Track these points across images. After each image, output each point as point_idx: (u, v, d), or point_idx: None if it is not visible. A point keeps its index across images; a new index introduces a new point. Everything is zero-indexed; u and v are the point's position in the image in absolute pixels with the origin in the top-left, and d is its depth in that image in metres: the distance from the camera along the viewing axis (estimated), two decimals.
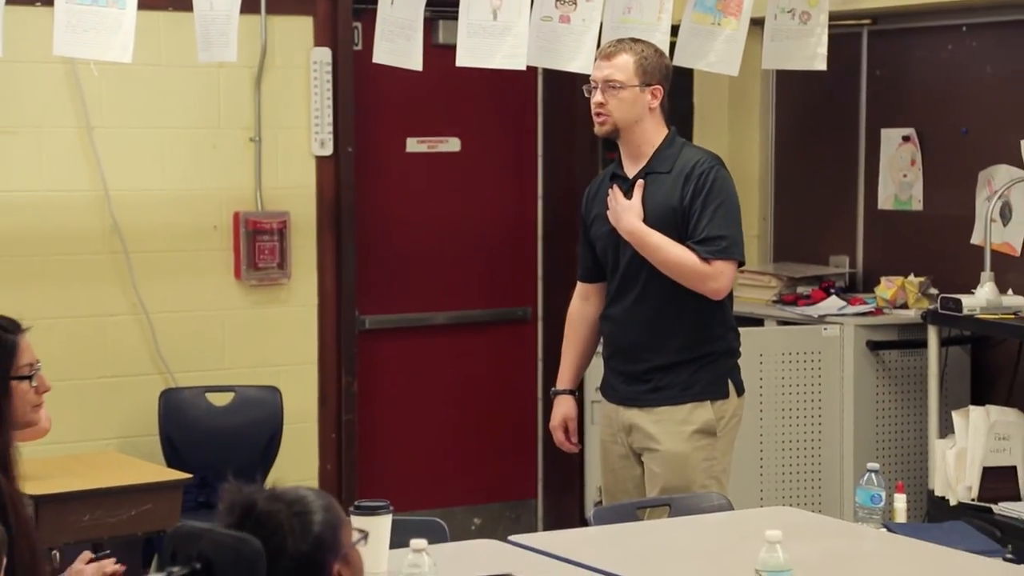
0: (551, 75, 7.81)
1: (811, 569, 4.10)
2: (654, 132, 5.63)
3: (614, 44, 5.78)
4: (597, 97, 5.60)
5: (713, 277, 5.50)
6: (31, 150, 7.18)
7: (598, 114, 5.61)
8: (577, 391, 6.01)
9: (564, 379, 6.00)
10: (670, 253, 5.47)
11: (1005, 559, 5.10)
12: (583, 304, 5.93)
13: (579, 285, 5.95)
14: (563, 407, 5.95)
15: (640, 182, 5.59)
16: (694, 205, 5.51)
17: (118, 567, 4.57)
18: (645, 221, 5.51)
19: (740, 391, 5.71)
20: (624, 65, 5.56)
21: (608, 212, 5.62)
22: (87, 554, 4.72)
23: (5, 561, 3.83)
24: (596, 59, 5.84)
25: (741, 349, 5.78)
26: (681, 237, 5.50)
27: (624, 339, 5.73)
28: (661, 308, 5.58)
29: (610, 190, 5.66)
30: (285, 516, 3.34)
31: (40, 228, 7.20)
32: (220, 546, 3.23)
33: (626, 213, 5.52)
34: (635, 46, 5.67)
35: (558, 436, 5.97)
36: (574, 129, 8.05)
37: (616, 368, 5.78)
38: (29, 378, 4.58)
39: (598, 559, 4.67)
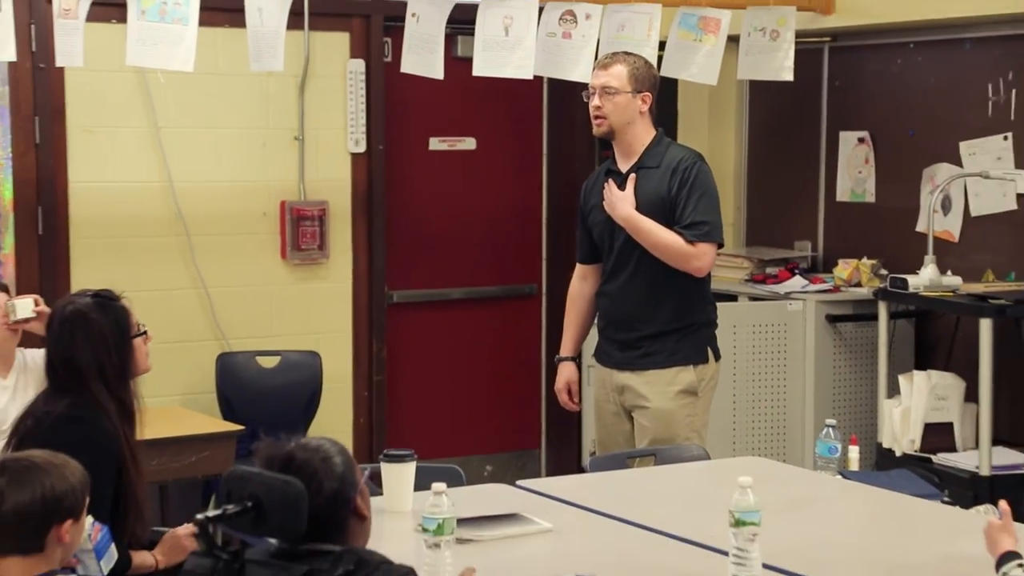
0: (554, 83, 7.77)
1: (777, 511, 4.07)
2: (644, 132, 5.63)
3: (610, 56, 5.79)
4: (595, 101, 5.61)
5: (697, 257, 5.51)
6: (107, 147, 7.18)
7: (596, 116, 5.62)
8: (577, 358, 5.99)
9: (567, 348, 6.01)
10: (659, 236, 5.48)
11: (943, 502, 5.15)
12: (582, 283, 5.92)
13: (578, 266, 5.94)
14: (566, 372, 5.96)
15: (632, 176, 5.59)
16: (680, 195, 5.52)
17: None
18: (637, 209, 5.52)
19: (717, 357, 5.71)
20: (619, 74, 5.57)
21: (604, 202, 5.62)
22: (190, 526, 4.73)
23: (88, 499, 3.81)
24: (594, 69, 5.84)
25: (718, 321, 5.78)
26: (668, 223, 5.50)
27: (618, 312, 5.72)
28: (650, 285, 5.58)
29: (606, 183, 5.65)
30: (316, 461, 3.32)
31: (115, 214, 7.20)
32: (268, 487, 3.20)
33: (621, 202, 5.53)
34: (628, 58, 5.69)
35: (563, 397, 5.99)
36: (574, 130, 8.04)
37: (611, 337, 5.77)
38: (143, 333, 4.75)
39: (593, 501, 4.66)
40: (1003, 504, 3.99)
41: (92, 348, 4.60)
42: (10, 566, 3.66)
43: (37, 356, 5.15)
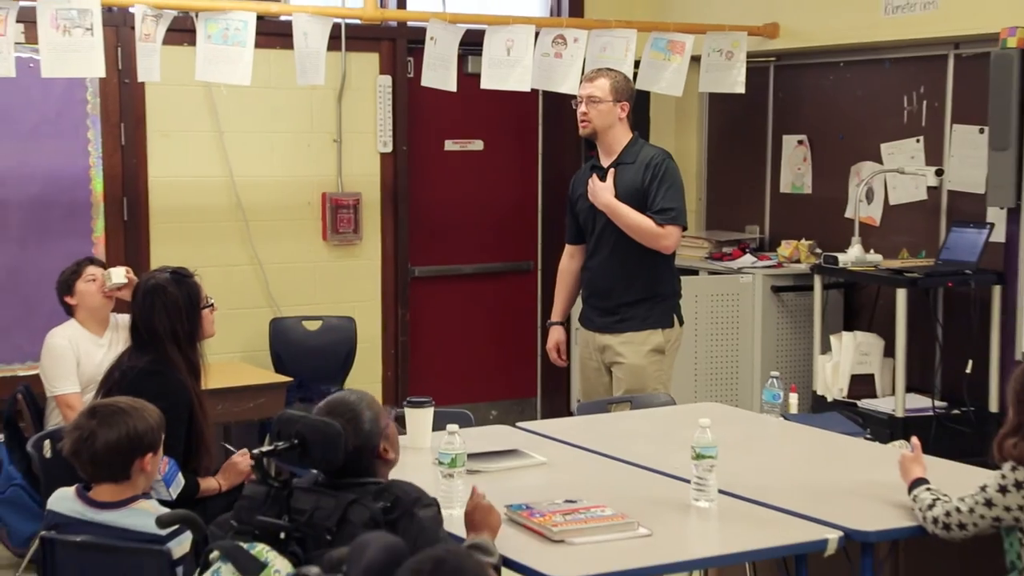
0: (548, 95, 7.80)
1: (731, 446, 4.09)
2: (622, 134, 5.63)
3: (595, 71, 5.79)
4: (582, 108, 5.60)
5: (665, 237, 5.52)
6: (180, 148, 7.17)
7: (582, 121, 5.61)
8: (566, 322, 6.00)
9: (556, 314, 6.01)
10: (634, 220, 5.48)
11: (865, 439, 5.22)
12: (569, 260, 5.91)
13: (566, 247, 5.94)
14: (556, 334, 5.96)
15: (612, 170, 5.59)
16: (652, 186, 5.52)
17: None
18: (616, 198, 5.51)
19: (681, 322, 5.72)
20: (602, 86, 5.57)
21: (588, 192, 5.61)
22: (246, 451, 4.80)
23: (163, 436, 3.84)
24: (582, 82, 5.82)
25: (682, 292, 5.78)
26: (642, 209, 5.50)
27: (599, 284, 5.72)
28: (626, 261, 5.59)
29: (590, 177, 5.65)
30: (350, 409, 3.33)
31: (186, 204, 7.20)
32: (312, 427, 3.23)
33: (603, 192, 5.53)
34: (610, 73, 5.69)
35: (552, 356, 5.99)
36: (564, 133, 8.01)
37: (593, 305, 5.78)
38: (210, 305, 4.80)
39: (580, 439, 4.70)
40: (915, 440, 4.01)
41: (168, 316, 4.64)
42: (103, 491, 3.69)
43: (124, 319, 5.19)
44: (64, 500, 3.74)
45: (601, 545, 3.45)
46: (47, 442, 4.59)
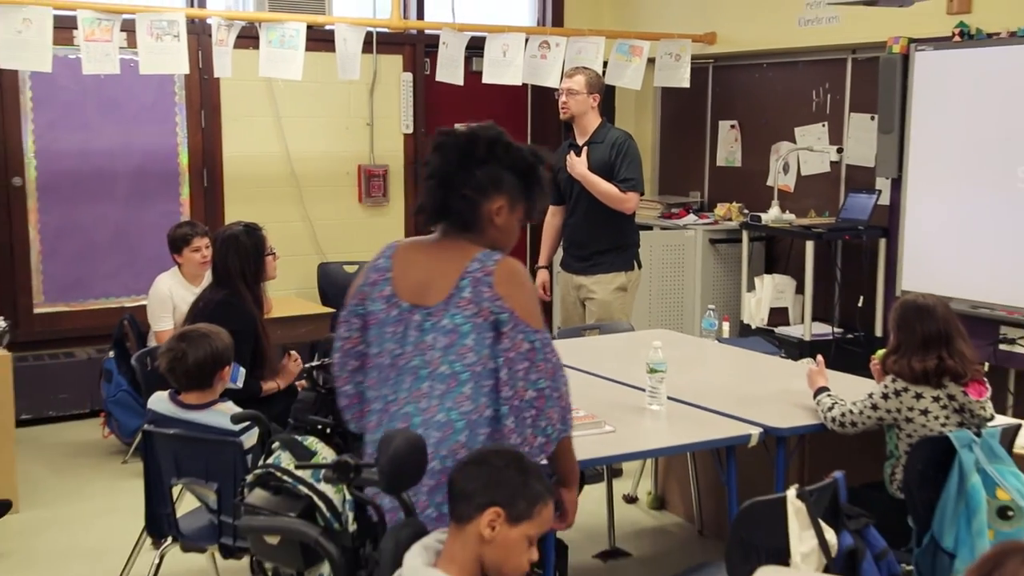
0: (535, 87, 7.74)
1: (677, 363, 4.11)
2: (594, 119, 5.62)
3: (574, 69, 5.78)
4: (563, 98, 5.61)
5: (627, 201, 5.53)
6: (247, 130, 7.14)
7: (563, 108, 5.62)
8: (549, 266, 6.00)
9: (542, 259, 6.00)
10: (603, 187, 5.49)
11: (781, 357, 5.28)
12: (552, 218, 5.89)
13: (550, 207, 5.91)
14: (542, 276, 5.95)
15: (585, 148, 5.59)
16: (616, 161, 5.52)
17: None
18: (589, 169, 5.50)
19: (640, 266, 5.73)
20: (579, 81, 5.57)
21: (567, 165, 5.60)
22: (295, 354, 4.93)
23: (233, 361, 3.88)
24: (562, 77, 5.81)
25: (640, 243, 5.78)
26: (609, 179, 5.49)
27: (576, 237, 5.72)
28: (597, 219, 5.60)
29: (569, 153, 5.64)
30: None
31: (252, 173, 7.17)
32: None
33: (578, 165, 5.54)
34: (586, 71, 5.69)
35: (541, 292, 5.99)
36: (547, 117, 8.01)
37: (571, 253, 5.78)
38: (273, 254, 4.87)
39: (562, 358, 4.68)
40: (819, 358, 4.03)
41: (239, 260, 4.67)
42: (190, 396, 3.72)
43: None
44: (160, 402, 3.77)
45: (576, 440, 3.46)
46: (147, 358, 4.61)
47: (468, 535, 2.26)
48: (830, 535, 2.88)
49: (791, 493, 2.86)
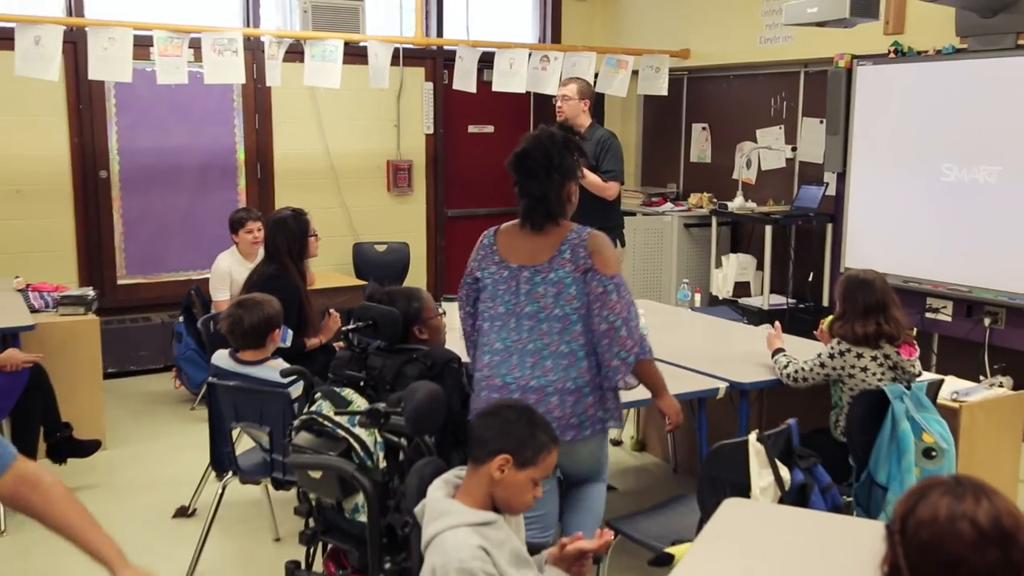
0: (537, 95, 7.68)
1: (656, 328, 4.11)
2: (585, 120, 5.51)
3: (568, 78, 5.70)
4: (559, 103, 5.54)
5: (608, 189, 5.42)
6: (293, 130, 7.10)
7: (559, 111, 5.55)
8: None
9: None
10: (590, 177, 5.39)
11: (743, 323, 5.21)
12: None
13: None
14: None
15: None
16: (600, 155, 5.44)
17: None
18: None
19: (623, 245, 5.66)
20: (572, 88, 5.49)
21: None
22: (335, 313, 4.91)
23: (282, 324, 3.86)
24: (559, 86, 5.71)
25: (624, 225, 5.72)
26: (595, 170, 5.41)
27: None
28: (585, 204, 5.50)
29: None
30: (405, 297, 3.32)
31: (298, 167, 7.14)
32: (380, 313, 3.21)
33: None
34: (578, 80, 5.61)
35: None
36: (546, 119, 7.83)
37: None
38: (315, 235, 4.83)
39: None
40: (776, 324, 4.03)
41: (286, 239, 4.64)
42: (247, 354, 3.72)
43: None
44: (222, 358, 3.77)
45: None
46: (210, 322, 4.61)
47: (482, 475, 2.26)
48: (784, 472, 2.89)
49: (752, 437, 2.88)
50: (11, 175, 6.27)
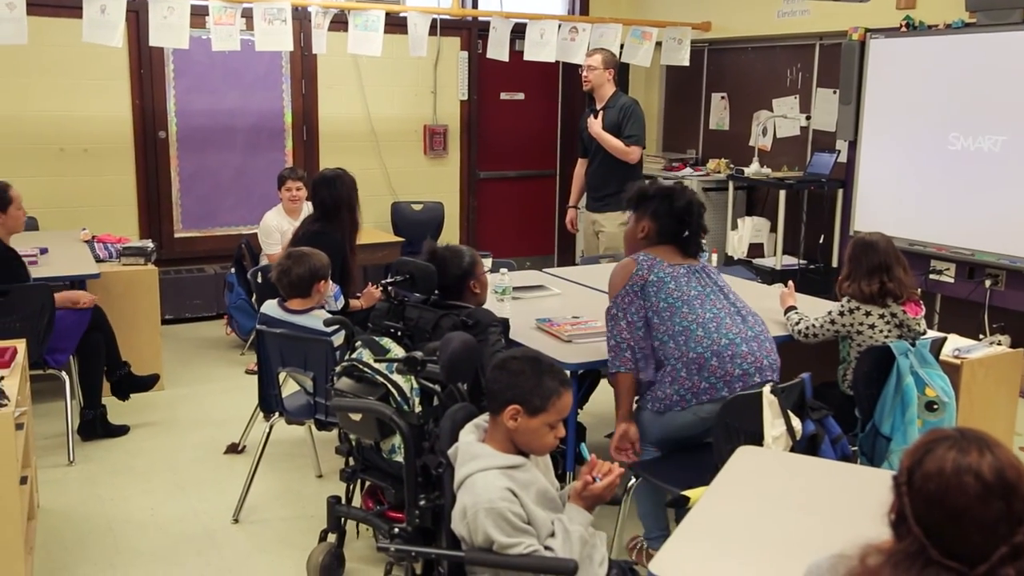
0: (565, 64, 7.58)
1: None
2: (609, 89, 5.49)
3: (594, 49, 5.67)
4: (584, 73, 5.49)
5: (630, 153, 5.41)
6: (337, 95, 7.06)
7: (585, 80, 5.50)
8: (576, 207, 5.93)
9: (572, 200, 5.93)
10: (612, 142, 5.41)
11: (757, 282, 5.14)
12: (580, 168, 5.80)
13: (579, 160, 5.82)
14: (571, 214, 5.92)
15: (601, 112, 5.48)
16: (623, 121, 5.41)
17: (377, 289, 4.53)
18: (604, 130, 5.41)
19: None
20: (596, 59, 5.47)
21: (587, 126, 5.51)
22: (377, 284, 4.74)
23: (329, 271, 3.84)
24: (585, 56, 5.65)
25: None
26: (617, 135, 5.38)
27: (593, 181, 5.65)
28: (607, 167, 5.51)
29: (589, 116, 5.53)
30: (459, 254, 3.29)
31: (340, 130, 7.10)
32: (417, 267, 3.19)
33: (595, 125, 5.45)
34: (603, 51, 5.57)
35: (568, 227, 5.95)
36: (573, 88, 7.81)
37: (590, 195, 5.71)
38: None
39: (582, 279, 4.64)
40: (789, 283, 3.97)
41: (332, 196, 4.58)
42: (294, 303, 3.71)
43: (309, 205, 5.12)
44: (270, 307, 3.76)
45: (594, 344, 3.44)
46: (259, 273, 4.60)
47: (499, 424, 2.25)
48: (796, 423, 2.86)
49: (766, 389, 2.85)
50: (79, 135, 6.28)
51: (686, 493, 2.59)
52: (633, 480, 3.12)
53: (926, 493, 1.39)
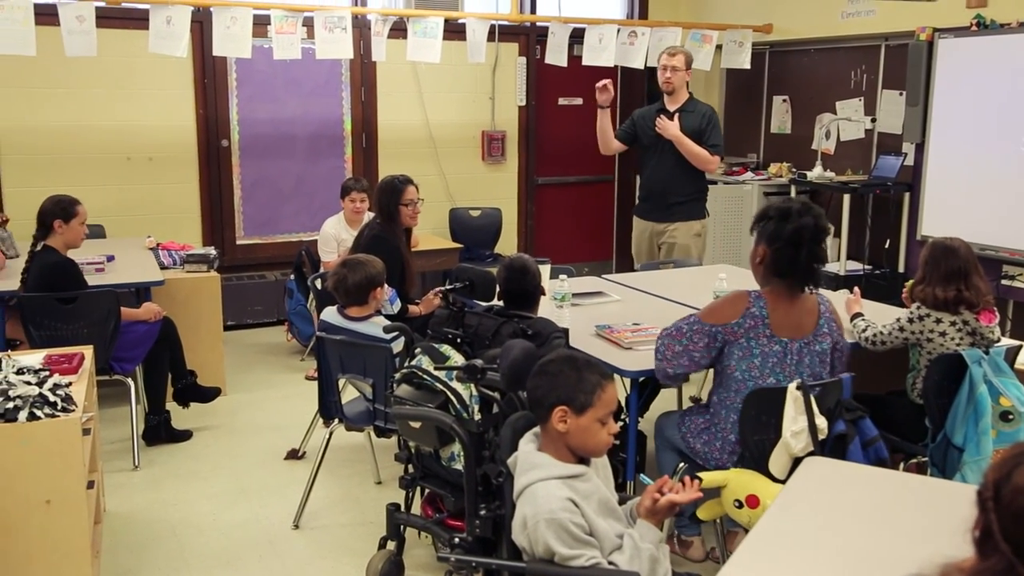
0: (624, 68, 7.54)
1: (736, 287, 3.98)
2: (685, 92, 5.28)
3: (675, 49, 5.34)
4: (667, 74, 5.21)
5: (713, 162, 5.21)
6: (395, 102, 7.08)
7: (667, 82, 5.22)
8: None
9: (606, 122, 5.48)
10: (696, 149, 5.15)
11: (822, 288, 4.98)
12: (613, 142, 5.46)
13: (616, 140, 5.49)
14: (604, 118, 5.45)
15: (677, 115, 5.23)
16: (706, 128, 5.19)
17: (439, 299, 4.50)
18: (681, 131, 5.19)
19: (708, 214, 5.45)
20: (680, 59, 5.21)
21: (657, 126, 5.23)
22: (437, 291, 4.70)
23: (386, 276, 3.84)
24: (666, 55, 5.26)
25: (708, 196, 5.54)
26: (698, 142, 5.17)
27: (658, 187, 5.34)
28: (678, 174, 5.27)
29: (658, 115, 5.26)
30: (520, 267, 3.27)
31: (399, 137, 7.13)
32: (476, 274, 3.17)
33: (672, 127, 5.17)
34: (686, 51, 5.31)
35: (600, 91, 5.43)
36: (633, 92, 7.77)
37: (652, 202, 5.39)
38: (409, 204, 4.56)
39: (640, 284, 4.59)
40: (856, 289, 3.88)
41: (384, 202, 4.57)
42: (352, 311, 3.70)
43: (369, 215, 5.13)
44: (330, 314, 3.78)
45: (648, 351, 3.40)
46: (319, 280, 4.63)
47: (551, 431, 2.21)
48: (820, 421, 2.83)
49: (792, 385, 2.84)
50: (144, 144, 6.40)
51: (701, 475, 2.59)
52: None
53: (1015, 508, 1.32)
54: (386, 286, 3.88)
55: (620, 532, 2.21)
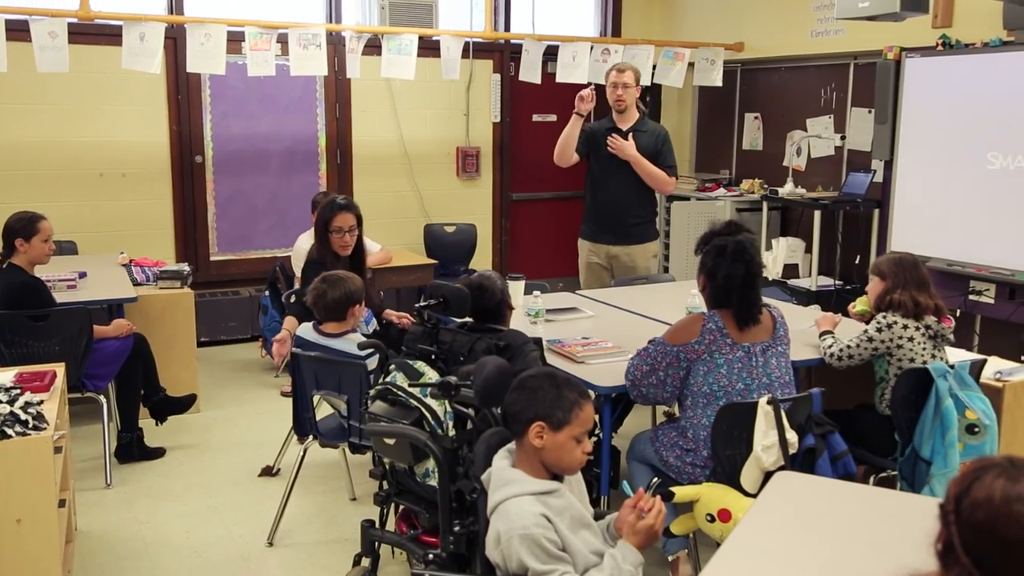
0: (599, 85, 7.51)
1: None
2: (636, 110, 5.18)
3: (623, 65, 5.22)
4: (619, 92, 5.10)
5: (670, 184, 5.13)
6: (370, 119, 7.10)
7: (619, 101, 5.11)
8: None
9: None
10: (652, 169, 5.05)
11: (792, 303, 5.04)
12: (574, 153, 5.22)
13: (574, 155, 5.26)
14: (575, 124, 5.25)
15: (631, 134, 5.13)
16: (662, 149, 5.10)
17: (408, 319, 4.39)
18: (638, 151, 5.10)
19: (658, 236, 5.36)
20: (630, 76, 5.09)
21: (610, 146, 5.09)
22: (409, 317, 4.58)
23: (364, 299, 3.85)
24: (614, 72, 5.17)
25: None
26: (654, 163, 5.07)
27: (612, 210, 5.22)
28: (632, 195, 5.18)
29: (606, 134, 5.14)
30: (488, 282, 3.29)
31: (374, 153, 7.14)
32: (450, 291, 3.18)
33: (628, 148, 5.06)
34: (633, 68, 5.19)
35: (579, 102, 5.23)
36: (605, 107, 7.80)
37: (603, 223, 5.26)
38: (340, 231, 4.37)
39: (614, 300, 4.61)
40: (840, 315, 3.94)
41: (319, 222, 4.47)
42: (329, 327, 3.72)
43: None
44: (305, 330, 3.78)
45: (607, 364, 3.43)
46: (293, 296, 4.62)
47: (526, 446, 2.23)
48: (791, 436, 2.89)
49: (763, 400, 2.90)
50: (118, 160, 6.37)
51: (673, 489, 2.59)
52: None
53: (974, 522, 1.35)
54: (363, 306, 3.89)
55: (595, 547, 2.22)
